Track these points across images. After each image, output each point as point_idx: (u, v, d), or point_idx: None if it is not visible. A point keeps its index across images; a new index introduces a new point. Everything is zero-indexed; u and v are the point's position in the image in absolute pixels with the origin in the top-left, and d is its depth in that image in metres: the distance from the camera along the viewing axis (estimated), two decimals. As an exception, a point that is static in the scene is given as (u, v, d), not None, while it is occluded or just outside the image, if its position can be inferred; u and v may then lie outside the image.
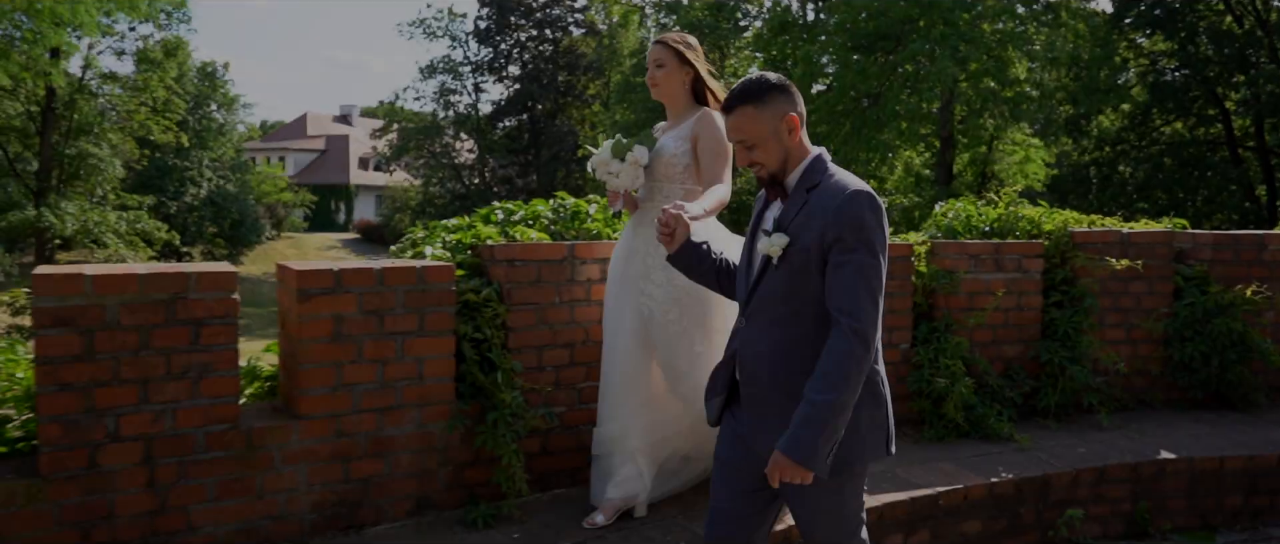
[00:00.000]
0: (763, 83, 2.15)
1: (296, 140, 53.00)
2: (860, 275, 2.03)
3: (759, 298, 2.21)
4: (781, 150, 2.17)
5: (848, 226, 2.04)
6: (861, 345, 2.02)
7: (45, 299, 2.56)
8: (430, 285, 3.14)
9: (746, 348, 2.25)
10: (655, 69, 3.14)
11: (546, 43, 38.23)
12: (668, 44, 3.12)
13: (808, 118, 8.51)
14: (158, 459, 2.72)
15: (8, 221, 24.21)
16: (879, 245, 2.06)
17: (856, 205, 2.06)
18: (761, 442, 2.21)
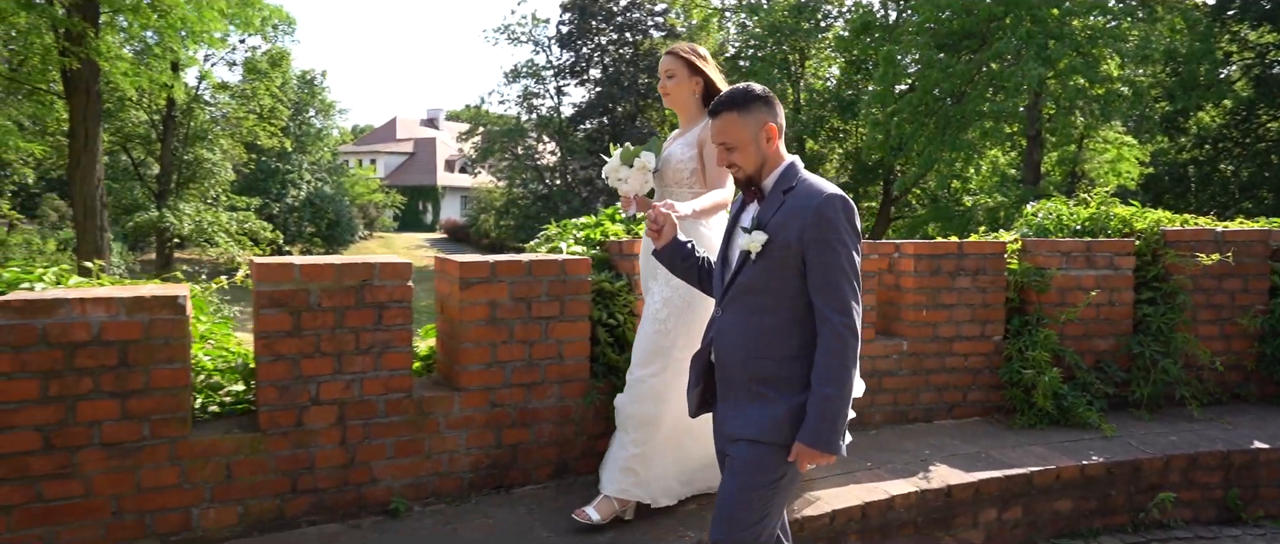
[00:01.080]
0: (748, 93, 2.34)
1: (387, 144, 55.03)
2: (841, 272, 2.22)
3: (736, 289, 2.36)
4: (759, 155, 2.34)
5: (826, 226, 2.22)
6: (851, 334, 2.22)
7: (263, 284, 3.08)
8: (570, 276, 3.57)
9: (722, 336, 2.40)
10: (666, 79, 3.24)
11: (626, 46, 38.79)
12: (678, 55, 3.23)
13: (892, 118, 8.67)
14: (348, 420, 3.21)
15: (134, 222, 26.07)
16: (852, 243, 2.25)
17: (831, 208, 2.23)
18: (730, 422, 2.38)
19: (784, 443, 2.27)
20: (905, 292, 4.46)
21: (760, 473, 2.30)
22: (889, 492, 3.48)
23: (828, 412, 2.21)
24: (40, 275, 3.18)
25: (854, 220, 2.26)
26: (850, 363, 2.23)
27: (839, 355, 2.21)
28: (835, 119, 27.18)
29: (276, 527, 3.12)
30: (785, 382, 2.29)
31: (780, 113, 2.38)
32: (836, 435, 2.23)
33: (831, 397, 2.21)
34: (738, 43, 30.10)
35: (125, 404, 2.86)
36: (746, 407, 2.34)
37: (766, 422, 2.29)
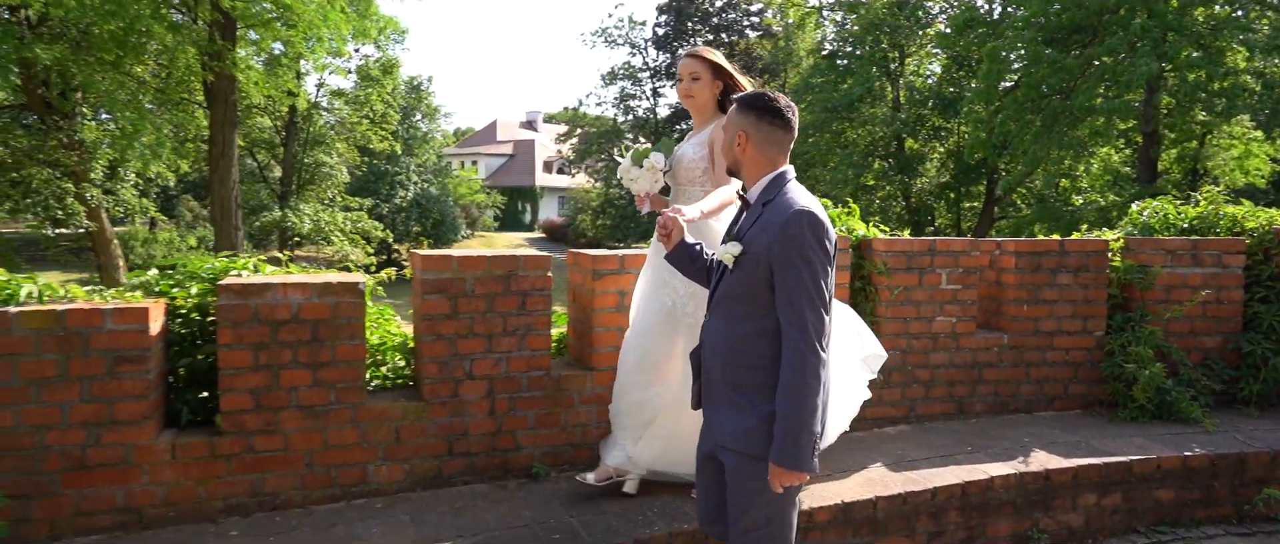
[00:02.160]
0: (742, 97, 2.44)
1: (487, 145, 56.82)
2: (802, 288, 2.22)
3: (718, 297, 2.45)
4: (732, 157, 2.45)
5: (790, 243, 2.23)
6: (811, 352, 2.22)
7: (427, 273, 3.56)
8: (688, 269, 3.92)
9: (706, 340, 2.49)
10: (691, 82, 3.28)
11: (722, 47, 38.97)
12: (703, 57, 3.29)
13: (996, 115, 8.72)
14: (496, 394, 3.66)
15: (260, 221, 27.92)
16: (817, 259, 2.23)
17: (797, 224, 2.23)
18: (715, 426, 2.46)
19: (756, 454, 2.32)
20: (1006, 287, 4.64)
21: (748, 480, 2.36)
22: (989, 473, 3.70)
23: (788, 430, 2.22)
24: (243, 264, 3.75)
25: (821, 237, 2.25)
26: (808, 380, 2.22)
27: (796, 373, 2.22)
28: (936, 117, 26.70)
29: (435, 484, 3.59)
30: (757, 390, 2.33)
31: (763, 124, 2.38)
32: (802, 452, 2.22)
33: (789, 415, 2.22)
34: (835, 41, 29.90)
35: (317, 373, 3.38)
36: (726, 413, 2.41)
37: (741, 432, 2.35)
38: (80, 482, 3.10)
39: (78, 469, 3.10)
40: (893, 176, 26.84)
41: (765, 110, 2.39)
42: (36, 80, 18.09)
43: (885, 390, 4.37)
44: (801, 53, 33.79)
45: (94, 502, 3.12)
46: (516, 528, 3.17)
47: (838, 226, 4.49)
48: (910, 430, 4.36)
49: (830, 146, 27.21)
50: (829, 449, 4.05)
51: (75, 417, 3.07)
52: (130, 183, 24.70)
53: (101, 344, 3.08)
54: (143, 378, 3.14)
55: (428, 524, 3.21)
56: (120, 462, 3.14)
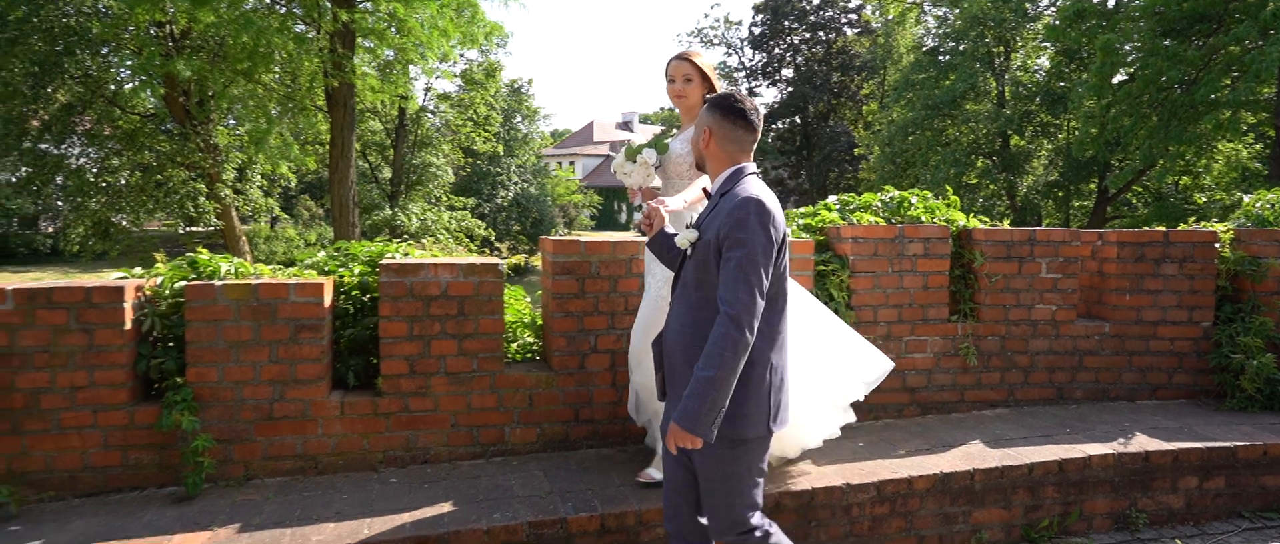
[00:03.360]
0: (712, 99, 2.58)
1: (584, 146, 57.91)
2: (740, 269, 2.30)
3: (679, 283, 2.57)
4: (698, 152, 2.61)
5: (735, 226, 2.34)
6: (736, 328, 2.28)
7: (557, 256, 3.95)
8: (796, 256, 4.20)
9: (668, 326, 2.59)
10: (683, 83, 3.42)
11: (819, 45, 38.70)
12: (693, 61, 3.43)
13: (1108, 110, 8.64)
14: (618, 367, 4.03)
15: (371, 220, 29.43)
16: (759, 245, 2.32)
17: (743, 210, 2.34)
18: (672, 410, 2.52)
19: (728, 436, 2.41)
20: (1108, 277, 4.72)
21: (713, 464, 2.47)
22: (1086, 452, 3.84)
23: (698, 392, 2.29)
24: (396, 248, 4.23)
25: (767, 223, 2.35)
26: (729, 353, 2.28)
27: (719, 344, 2.28)
28: (1044, 113, 25.88)
29: (563, 447, 3.99)
30: None
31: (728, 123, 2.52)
32: (704, 418, 2.29)
33: (705, 380, 2.28)
34: (937, 36, 29.33)
35: (462, 344, 3.82)
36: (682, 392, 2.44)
37: None
38: (268, 431, 3.63)
39: (266, 420, 3.62)
40: (996, 175, 26.16)
41: (730, 110, 2.54)
42: (178, 90, 19.71)
43: (984, 374, 4.54)
44: (901, 49, 33.25)
45: (279, 448, 3.64)
46: (638, 485, 3.52)
47: (936, 217, 4.68)
48: (1009, 413, 4.51)
49: (931, 144, 26.73)
50: (928, 425, 4.26)
51: (265, 375, 3.60)
52: (257, 183, 26.48)
53: (286, 313, 3.60)
54: (318, 344, 3.64)
55: (559, 478, 3.60)
56: (299, 415, 3.66)
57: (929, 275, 4.43)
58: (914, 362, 4.43)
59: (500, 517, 3.19)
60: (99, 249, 22.14)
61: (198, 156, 20.43)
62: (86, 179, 21.64)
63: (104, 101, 20.18)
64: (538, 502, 3.33)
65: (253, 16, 16.56)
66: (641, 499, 3.35)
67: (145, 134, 20.80)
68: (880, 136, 29.21)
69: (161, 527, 3.13)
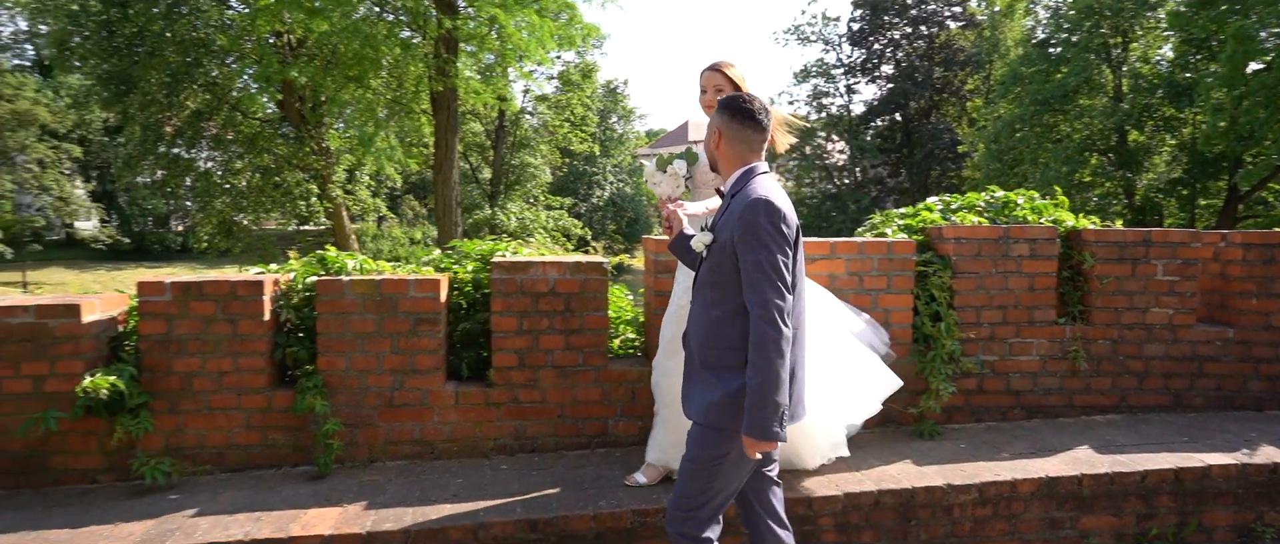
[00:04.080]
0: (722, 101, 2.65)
1: (679, 145, 58.02)
2: (760, 270, 2.38)
3: (698, 282, 2.64)
4: (711, 153, 2.69)
5: (748, 229, 2.40)
6: (772, 327, 2.35)
7: (659, 255, 4.07)
8: (896, 256, 4.20)
9: (689, 323, 2.68)
10: (714, 93, 3.47)
11: (921, 39, 37.66)
12: (724, 72, 3.48)
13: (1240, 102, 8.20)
14: (717, 363, 4.11)
15: (473, 219, 30.36)
16: (774, 243, 2.39)
17: (753, 212, 2.41)
18: (686, 402, 2.64)
19: (718, 426, 2.49)
20: (1232, 280, 4.52)
21: (700, 449, 2.54)
22: (1206, 461, 3.70)
23: (757, 401, 2.36)
24: (505, 247, 4.44)
25: (777, 222, 2.41)
26: (773, 353, 2.35)
27: (760, 348, 2.36)
28: (1166, 106, 24.45)
29: (664, 440, 4.10)
30: (726, 368, 2.49)
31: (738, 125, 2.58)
32: (769, 422, 2.36)
33: (757, 387, 2.36)
34: (1047, 28, 28.11)
35: (568, 339, 3.98)
36: (698, 389, 2.58)
37: (705, 405, 2.52)
38: (390, 417, 3.88)
39: (388, 407, 3.87)
40: (1112, 172, 24.89)
41: (738, 111, 2.59)
42: (294, 96, 20.85)
43: (1094, 379, 4.42)
44: (1008, 42, 32.03)
45: (399, 434, 3.89)
46: (738, 478, 3.60)
47: (1044, 218, 4.58)
48: (1121, 419, 4.38)
49: (1040, 141, 25.66)
50: (1034, 429, 4.19)
51: (387, 365, 3.85)
52: (365, 184, 27.72)
53: (406, 308, 3.84)
54: (435, 336, 3.87)
55: (661, 470, 3.71)
56: (418, 403, 3.89)
57: (1035, 276, 4.34)
58: (1019, 364, 4.36)
59: (606, 504, 3.33)
60: (223, 246, 23.65)
61: (312, 159, 21.56)
62: (212, 181, 23.15)
63: (228, 108, 21.53)
64: (641, 492, 3.45)
65: (361, 25, 17.37)
66: (741, 492, 3.43)
67: (264, 138, 22.07)
68: (985, 133, 28.22)
69: (297, 502, 3.41)
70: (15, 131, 31.95)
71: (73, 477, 3.68)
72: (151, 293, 3.70)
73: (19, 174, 33.02)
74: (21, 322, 3.58)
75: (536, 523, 3.21)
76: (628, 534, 3.28)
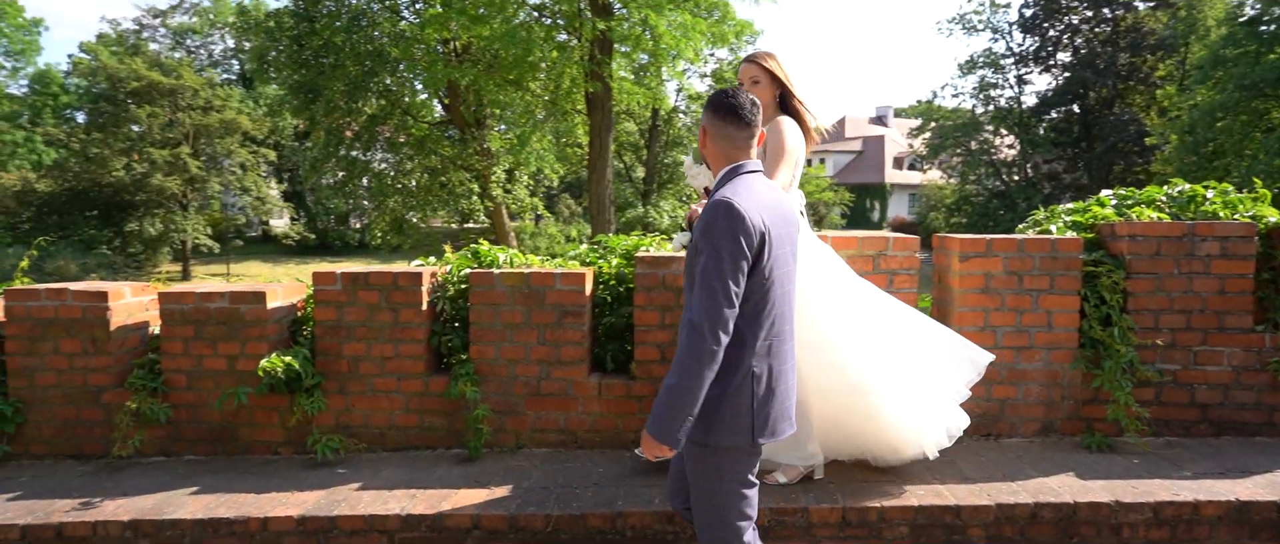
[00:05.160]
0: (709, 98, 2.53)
1: (835, 143, 56.68)
2: (704, 275, 2.26)
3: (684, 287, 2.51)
4: (702, 152, 2.56)
5: (704, 230, 2.28)
6: (697, 336, 2.22)
7: (802, 252, 3.99)
8: (1060, 254, 3.92)
9: None
10: (752, 84, 3.40)
11: (1104, 23, 34.88)
12: (761, 64, 3.39)
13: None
14: (863, 363, 3.98)
15: (625, 217, 30.97)
16: (724, 248, 2.25)
17: (712, 212, 2.29)
18: None
19: (697, 439, 2.40)
20: None
21: (693, 463, 2.46)
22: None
23: (663, 400, 2.27)
24: (649, 242, 4.50)
25: (734, 226, 2.27)
26: (691, 362, 2.23)
27: (682, 350, 2.26)
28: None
29: (805, 440, 4.02)
30: None
31: (720, 120, 2.47)
32: (668, 426, 2.26)
33: (669, 387, 2.26)
34: (1256, 4, 25.28)
35: (709, 334, 3.98)
36: None
37: None
38: (536, 405, 4.02)
39: (535, 396, 4.02)
40: (1334, 165, 22.05)
41: (721, 107, 2.48)
42: (459, 100, 22.00)
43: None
44: (1209, 23, 29.07)
45: (545, 422, 4.03)
46: (884, 482, 3.48)
47: (1241, 213, 4.13)
48: (1331, 440, 3.89)
49: (1247, 131, 23.10)
50: (1222, 447, 3.81)
51: (534, 355, 3.99)
52: (523, 184, 28.85)
53: (552, 300, 3.97)
54: (580, 329, 3.97)
55: (801, 470, 3.64)
56: (562, 393, 4.01)
57: (1227, 278, 3.92)
58: (1206, 375, 3.96)
59: (742, 501, 3.31)
60: (395, 242, 25.35)
61: (474, 159, 22.67)
62: (386, 181, 24.83)
63: (400, 113, 23.01)
64: (781, 490, 3.40)
65: (518, 30, 18.07)
66: (884, 495, 3.32)
67: (432, 140, 23.42)
68: (1179, 123, 25.73)
69: (449, 482, 3.60)
70: (222, 139, 35.55)
71: (259, 448, 4.06)
72: (325, 282, 4.02)
73: (225, 177, 36.72)
74: (218, 306, 3.98)
75: (673, 516, 3.23)
76: (764, 532, 3.24)
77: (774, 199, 2.43)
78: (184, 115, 34.56)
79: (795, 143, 3.34)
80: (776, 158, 3.28)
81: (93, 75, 35.03)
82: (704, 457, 2.43)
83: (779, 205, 2.44)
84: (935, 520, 3.23)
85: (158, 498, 3.50)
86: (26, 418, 4.07)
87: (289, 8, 22.93)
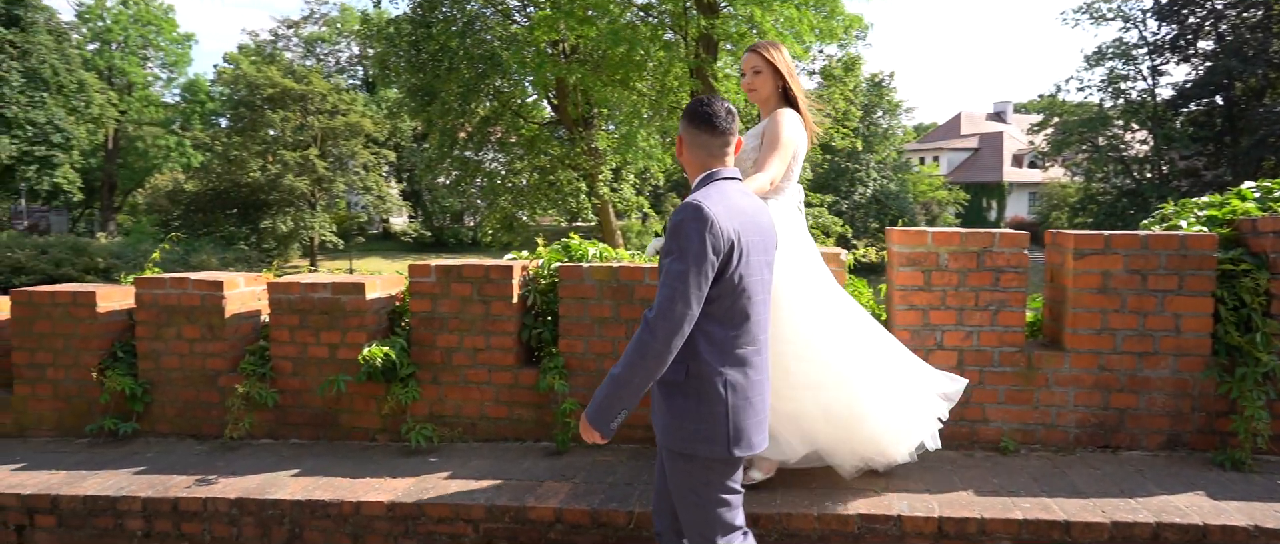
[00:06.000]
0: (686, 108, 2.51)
1: (950, 140, 54.64)
2: (668, 276, 2.24)
3: None
4: (682, 160, 2.53)
5: (671, 234, 2.28)
6: (649, 333, 2.22)
7: (901, 246, 3.81)
8: (1191, 251, 3.59)
9: None
10: (753, 75, 3.32)
11: (1254, 7, 32.16)
12: (761, 54, 3.30)
13: None
14: (966, 366, 3.78)
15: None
16: (690, 251, 2.22)
17: (679, 214, 2.28)
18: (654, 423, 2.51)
19: (675, 448, 2.39)
20: None
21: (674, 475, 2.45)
22: None
23: (603, 387, 2.29)
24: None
25: (702, 230, 2.24)
26: (637, 357, 2.23)
27: (634, 345, 2.25)
28: None
29: (903, 445, 3.84)
30: (671, 386, 2.38)
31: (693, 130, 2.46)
32: (603, 414, 2.29)
33: (611, 377, 2.27)
34: None
35: (801, 332, 3.85)
36: (656, 406, 2.49)
37: (661, 427, 2.44)
38: (623, 400, 3.99)
39: (622, 391, 3.99)
40: None
41: (693, 115, 2.48)
42: (568, 100, 22.36)
43: None
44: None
45: (632, 418, 3.93)
46: (986, 492, 3.28)
47: None
48: None
49: None
50: (1382, 470, 3.41)
51: (622, 350, 3.92)
52: (630, 183, 29.05)
53: (641, 295, 3.93)
54: (668, 324, 3.91)
55: (896, 476, 3.48)
56: (650, 389, 3.97)
57: (1391, 280, 3.50)
58: (1364, 388, 3.54)
59: (831, 505, 3.18)
60: (505, 240, 25.97)
61: (582, 159, 22.97)
62: (497, 181, 25.50)
63: (511, 114, 23.57)
64: (873, 496, 3.26)
65: (624, 30, 18.20)
66: (985, 508, 3.12)
67: (542, 140, 23.89)
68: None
69: (536, 474, 3.62)
70: (347, 141, 37.37)
71: (358, 434, 4.20)
72: (420, 275, 4.11)
73: (349, 177, 38.59)
74: (321, 297, 4.14)
75: (758, 518, 3.14)
76: (853, 538, 3.11)
77: (749, 207, 2.41)
78: (313, 119, 36.50)
79: (793, 135, 3.27)
80: (770, 148, 3.23)
81: (234, 83, 37.47)
82: (684, 468, 2.43)
83: (754, 214, 2.42)
84: (1041, 536, 3.02)
85: (262, 478, 3.67)
86: (153, 398, 4.34)
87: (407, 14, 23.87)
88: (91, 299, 4.35)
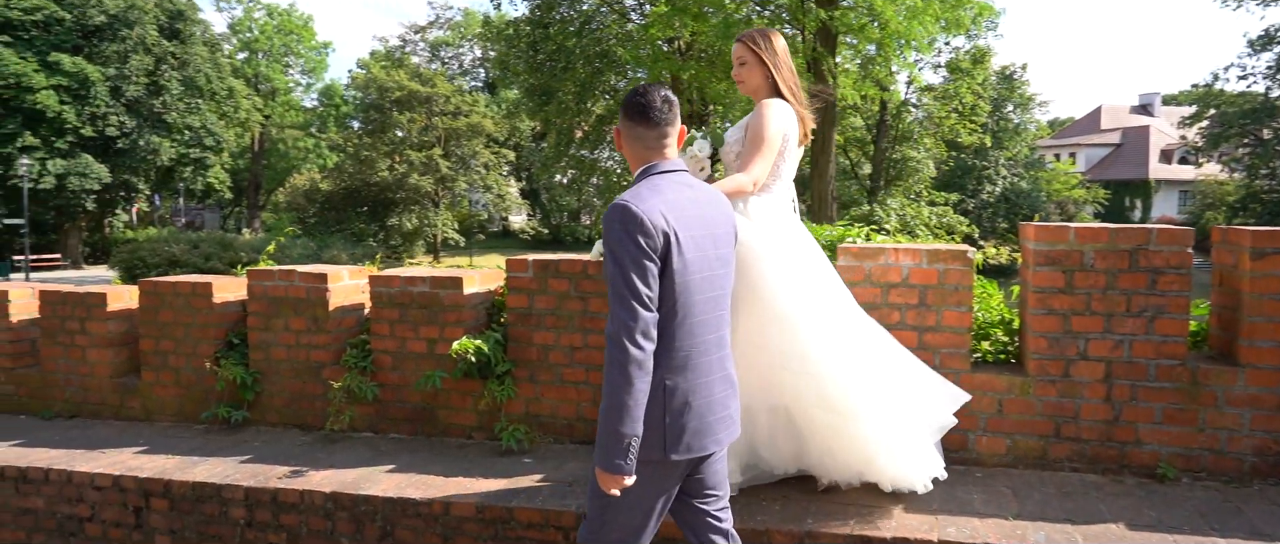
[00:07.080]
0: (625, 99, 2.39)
1: (1089, 135, 51.27)
2: (612, 284, 2.16)
3: None
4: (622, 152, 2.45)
5: (605, 237, 2.20)
6: (616, 348, 2.11)
7: (1039, 244, 3.40)
8: (1249, 247, 3.04)
9: None
10: (739, 66, 3.19)
11: None
12: (747, 44, 3.15)
13: None
14: (1115, 379, 3.33)
15: (850, 215, 29.83)
16: (625, 254, 2.13)
17: (608, 218, 2.19)
18: None
19: None
20: None
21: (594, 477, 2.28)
22: None
23: (601, 429, 2.16)
24: (857, 233, 4.08)
25: (632, 230, 2.15)
26: (614, 377, 2.12)
27: (606, 369, 2.14)
28: None
29: (1039, 465, 3.43)
30: None
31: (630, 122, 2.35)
32: (611, 454, 2.13)
33: (602, 412, 2.15)
34: None
35: (922, 336, 3.50)
36: None
37: None
38: (726, 406, 3.75)
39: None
40: None
41: (629, 107, 2.38)
42: (684, 97, 22.20)
43: None
44: None
45: (735, 424, 3.74)
46: (1141, 526, 2.86)
47: None
48: None
49: None
50: None
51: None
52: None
53: (746, 293, 3.67)
54: (775, 325, 3.64)
55: (1031, 501, 3.09)
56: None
57: None
58: None
59: (955, 532, 2.84)
60: (620, 239, 26.11)
61: (697, 156, 22.77)
62: (613, 179, 25.63)
63: (626, 112, 23.65)
64: (1003, 524, 2.89)
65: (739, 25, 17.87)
66: None
67: (656, 138, 23.86)
68: None
69: (630, 480, 3.43)
70: (469, 141, 38.56)
71: (455, 431, 4.13)
72: (517, 270, 4.00)
73: (471, 176, 39.80)
74: (420, 291, 4.09)
75: (869, 540, 2.84)
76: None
77: (687, 198, 2.28)
78: (437, 120, 37.85)
79: (778, 128, 3.03)
80: (753, 148, 3.05)
81: (365, 87, 39.32)
82: None
83: (695, 205, 2.29)
84: (1210, 580, 2.59)
85: (358, 473, 3.64)
86: (263, 388, 4.42)
87: (526, 15, 24.33)
88: (208, 290, 4.47)
